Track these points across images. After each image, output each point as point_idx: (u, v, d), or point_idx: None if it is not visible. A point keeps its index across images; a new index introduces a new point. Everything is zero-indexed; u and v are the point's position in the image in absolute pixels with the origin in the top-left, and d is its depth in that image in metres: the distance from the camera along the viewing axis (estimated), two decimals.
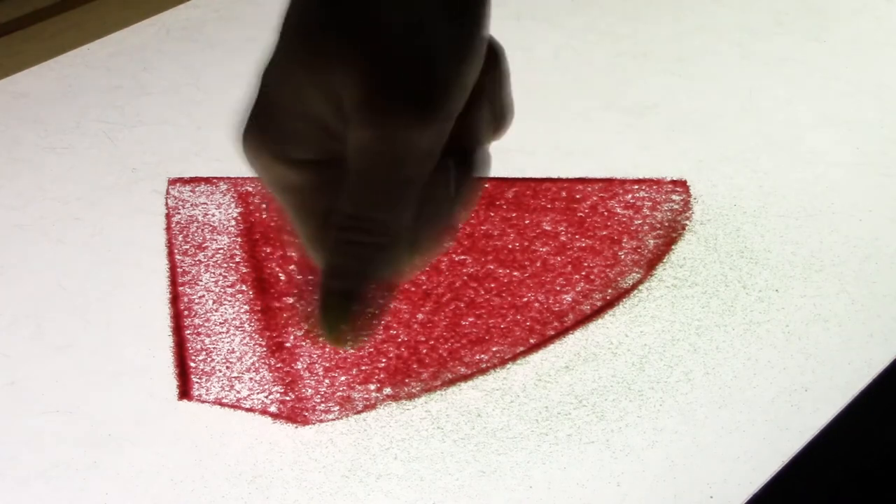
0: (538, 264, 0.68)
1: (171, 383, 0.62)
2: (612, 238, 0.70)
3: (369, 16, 0.31)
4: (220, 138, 0.76)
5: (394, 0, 0.32)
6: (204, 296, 0.67)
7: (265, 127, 0.33)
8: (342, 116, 0.32)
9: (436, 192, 0.34)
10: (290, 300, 0.66)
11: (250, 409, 0.60)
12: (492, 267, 0.68)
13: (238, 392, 0.61)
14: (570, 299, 0.66)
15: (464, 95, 0.33)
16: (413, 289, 0.67)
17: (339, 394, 0.61)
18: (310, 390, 0.61)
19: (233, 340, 0.64)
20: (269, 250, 0.70)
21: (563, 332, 0.64)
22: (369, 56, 0.31)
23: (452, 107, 0.33)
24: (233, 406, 0.60)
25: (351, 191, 0.33)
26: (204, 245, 0.71)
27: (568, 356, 0.63)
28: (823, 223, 0.71)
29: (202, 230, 0.72)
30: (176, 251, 0.70)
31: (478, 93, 0.34)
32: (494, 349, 0.63)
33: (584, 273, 0.68)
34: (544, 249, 0.69)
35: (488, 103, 0.35)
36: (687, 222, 0.72)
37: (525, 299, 0.66)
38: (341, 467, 0.57)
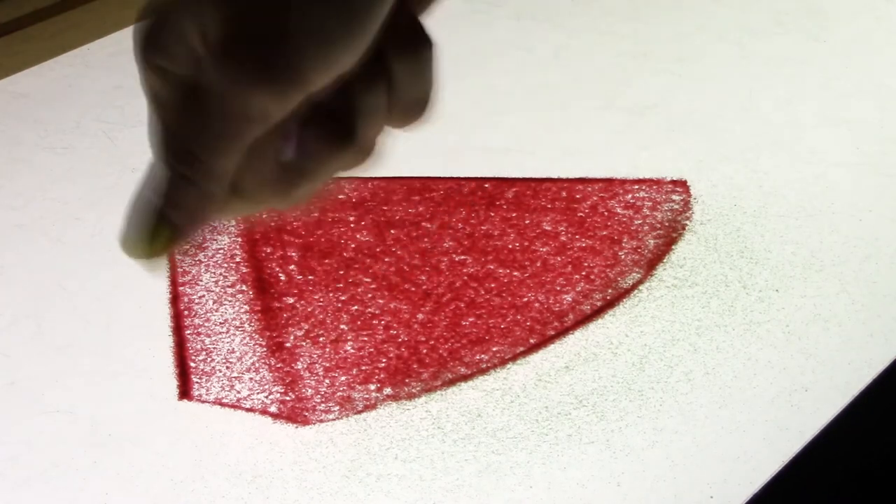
0: (538, 264, 0.68)
1: (171, 383, 0.62)
2: (612, 238, 0.70)
3: None
4: None
5: None
6: (204, 296, 0.67)
7: (155, 29, 0.34)
8: (205, 50, 0.33)
9: (267, 151, 0.35)
10: (290, 300, 0.66)
11: (250, 409, 0.60)
12: (492, 267, 0.68)
13: (238, 392, 0.61)
14: (570, 299, 0.66)
15: (325, 75, 0.33)
16: (413, 289, 0.67)
17: (339, 394, 0.61)
18: (310, 390, 0.61)
19: (233, 340, 0.64)
20: (269, 250, 0.70)
21: (563, 332, 0.64)
22: (240, 4, 0.32)
23: (304, 82, 0.33)
24: (233, 406, 0.60)
25: (187, 122, 0.34)
26: (204, 245, 0.71)
27: (568, 356, 0.63)
28: (823, 223, 0.71)
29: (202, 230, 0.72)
30: (176, 251, 0.70)
31: (369, 75, 0.35)
32: (494, 349, 0.63)
33: (584, 273, 0.68)
34: (544, 249, 0.69)
35: (386, 89, 0.35)
36: (687, 222, 0.72)
37: (525, 299, 0.66)
38: (341, 467, 0.57)
